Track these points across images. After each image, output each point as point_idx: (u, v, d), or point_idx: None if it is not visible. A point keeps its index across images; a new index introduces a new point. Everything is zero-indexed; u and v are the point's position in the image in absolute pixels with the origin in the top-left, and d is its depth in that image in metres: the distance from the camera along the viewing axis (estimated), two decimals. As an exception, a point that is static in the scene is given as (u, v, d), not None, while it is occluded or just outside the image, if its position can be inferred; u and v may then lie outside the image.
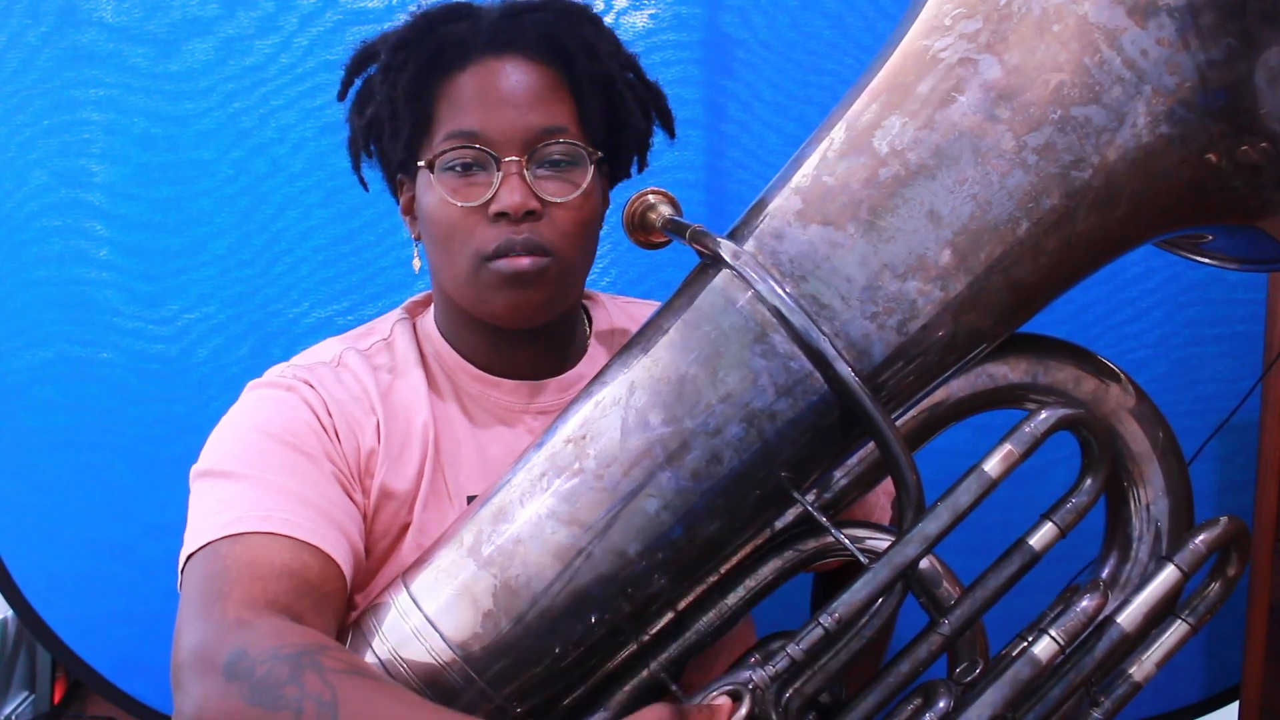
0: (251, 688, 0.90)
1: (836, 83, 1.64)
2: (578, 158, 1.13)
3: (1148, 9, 0.91)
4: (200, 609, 0.96)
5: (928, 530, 0.96)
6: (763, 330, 0.96)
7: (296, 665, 0.91)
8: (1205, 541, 1.03)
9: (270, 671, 0.90)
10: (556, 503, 1.00)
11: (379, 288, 1.67)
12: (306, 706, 0.89)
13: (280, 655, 0.91)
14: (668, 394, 0.99)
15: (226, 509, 1.04)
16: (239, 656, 0.91)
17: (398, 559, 1.14)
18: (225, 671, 0.91)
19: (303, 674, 0.90)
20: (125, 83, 1.62)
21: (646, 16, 1.64)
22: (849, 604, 0.95)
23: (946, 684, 1.04)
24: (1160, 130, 0.93)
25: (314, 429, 1.11)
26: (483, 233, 1.10)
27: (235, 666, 0.91)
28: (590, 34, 1.16)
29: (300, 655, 0.92)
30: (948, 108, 0.96)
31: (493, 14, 1.15)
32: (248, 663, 0.91)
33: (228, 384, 1.61)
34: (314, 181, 1.65)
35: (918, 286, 0.96)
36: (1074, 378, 1.08)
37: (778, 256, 0.98)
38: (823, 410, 0.97)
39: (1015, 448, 0.98)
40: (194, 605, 0.97)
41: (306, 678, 0.90)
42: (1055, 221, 0.95)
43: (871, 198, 0.97)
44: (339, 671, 0.91)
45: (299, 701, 0.89)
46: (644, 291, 1.55)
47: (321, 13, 1.63)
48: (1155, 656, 1.04)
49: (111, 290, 1.66)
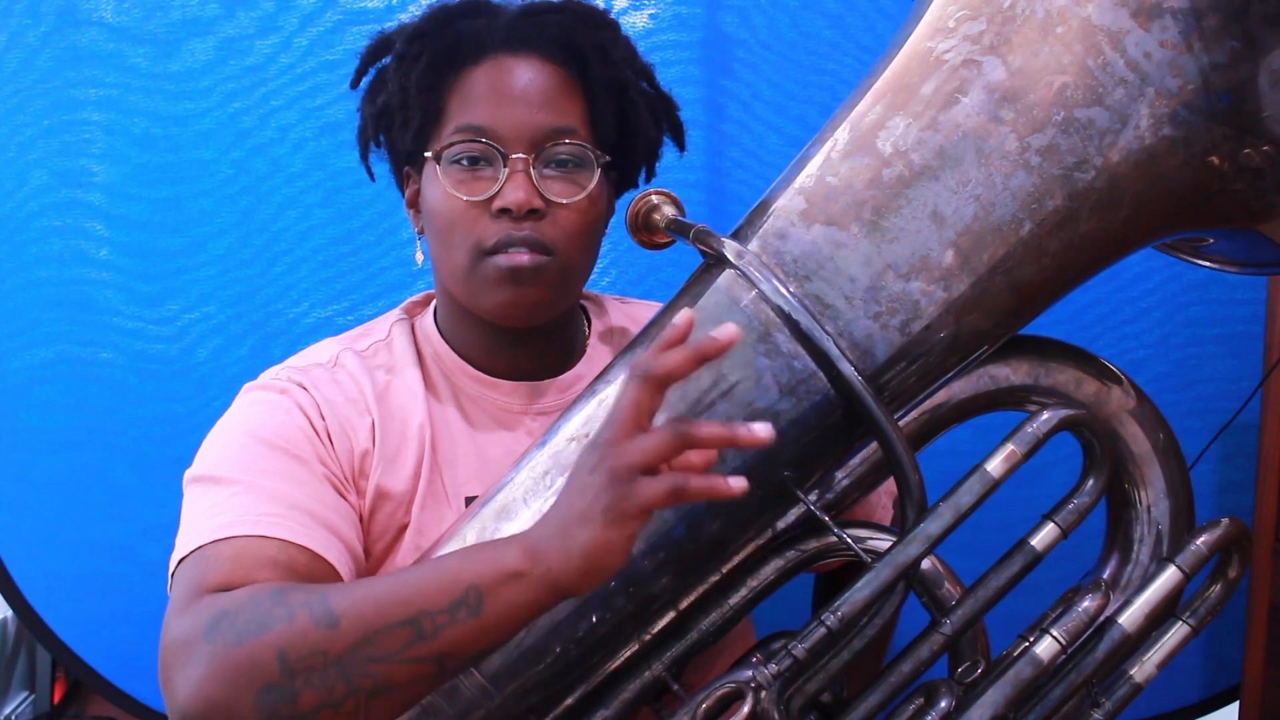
0: (236, 632, 0.90)
1: (836, 83, 1.63)
2: (585, 160, 1.13)
3: (1151, 11, 0.92)
4: (181, 605, 0.97)
5: (930, 530, 0.96)
6: (766, 330, 0.97)
7: (278, 593, 0.93)
8: (1207, 543, 1.03)
9: (251, 612, 0.91)
10: (559, 502, 1.00)
11: (379, 288, 1.67)
12: (297, 612, 0.90)
13: (258, 597, 0.93)
14: (671, 392, 0.98)
15: (217, 514, 1.04)
16: (218, 617, 0.92)
17: (396, 559, 1.14)
18: (206, 636, 0.91)
19: (285, 595, 0.92)
20: (125, 83, 1.62)
21: (646, 16, 1.64)
22: (851, 603, 0.95)
23: (948, 683, 1.04)
24: (1163, 133, 0.93)
25: (306, 432, 1.11)
26: (484, 227, 1.10)
27: (216, 625, 0.91)
28: (606, 38, 1.16)
29: (280, 589, 0.93)
30: (951, 109, 0.96)
31: (510, 12, 1.15)
32: (228, 619, 0.91)
33: (228, 384, 1.60)
34: (314, 181, 1.65)
35: (921, 287, 0.96)
36: (1075, 380, 1.08)
37: (781, 256, 0.98)
38: (826, 410, 0.97)
39: (1017, 448, 0.98)
40: (177, 604, 0.98)
41: (290, 596, 0.92)
42: (1058, 223, 0.96)
43: (875, 198, 0.97)
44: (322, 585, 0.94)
45: (288, 613, 0.90)
46: (644, 291, 1.55)
47: (321, 13, 1.63)
48: (1156, 657, 1.04)
49: (111, 290, 1.65)
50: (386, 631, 0.89)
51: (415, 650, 0.89)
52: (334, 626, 0.89)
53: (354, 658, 0.89)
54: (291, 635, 0.89)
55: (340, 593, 0.92)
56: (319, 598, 0.91)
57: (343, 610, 0.90)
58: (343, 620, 0.89)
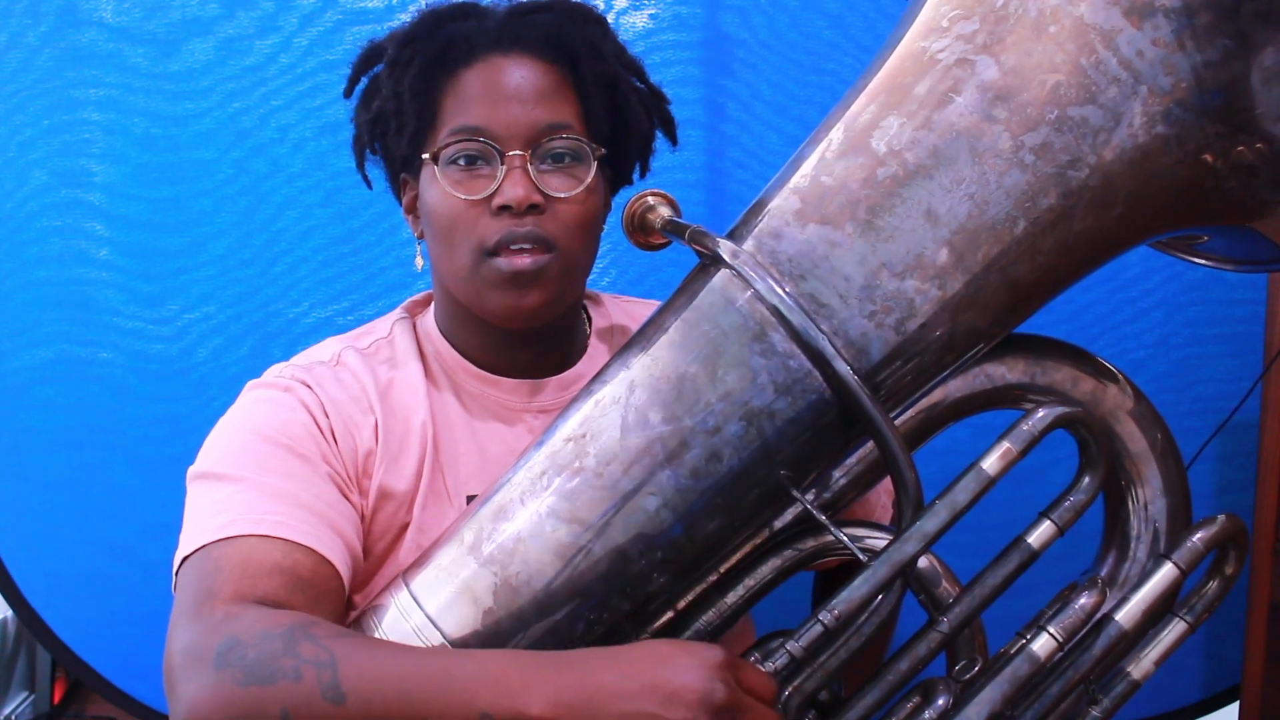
0: (245, 670, 0.90)
1: (836, 83, 1.64)
2: (581, 154, 1.13)
3: (1144, 10, 0.92)
4: (190, 610, 0.97)
5: (926, 528, 0.96)
6: (762, 329, 0.97)
7: (289, 639, 0.91)
8: (1203, 539, 1.03)
9: (262, 651, 0.91)
10: (557, 501, 1.00)
11: (379, 288, 1.67)
12: (305, 671, 0.90)
13: (271, 634, 0.92)
14: (667, 392, 0.99)
15: (220, 512, 1.04)
16: (229, 645, 0.91)
17: (397, 558, 1.14)
18: (215, 662, 0.91)
19: (297, 645, 0.91)
20: (125, 83, 1.63)
21: (646, 16, 1.64)
22: (848, 601, 0.95)
23: (945, 681, 1.04)
24: (1156, 130, 0.93)
25: (309, 430, 1.11)
26: (485, 225, 1.11)
27: (226, 655, 0.91)
28: (595, 34, 1.16)
29: (291, 631, 0.92)
30: (945, 108, 0.96)
31: (499, 13, 1.16)
32: (239, 650, 0.91)
33: (228, 384, 1.60)
34: (314, 181, 1.65)
35: (915, 285, 0.96)
36: (1072, 378, 1.08)
37: (776, 256, 0.98)
38: (822, 409, 0.97)
39: (1014, 445, 0.98)
40: (184, 608, 0.98)
41: (301, 647, 0.91)
42: (1052, 221, 0.96)
43: (869, 197, 0.97)
44: (332, 636, 0.92)
45: (296, 669, 0.90)
46: (644, 291, 1.55)
47: (321, 13, 1.63)
48: (1154, 654, 1.04)
49: (111, 290, 1.66)
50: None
51: None
52: (339, 703, 0.89)
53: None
54: (297, 697, 0.89)
55: (351, 662, 0.91)
56: (329, 659, 0.90)
57: (349, 688, 0.89)
58: (348, 699, 0.89)
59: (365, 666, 0.91)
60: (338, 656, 0.91)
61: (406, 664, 0.92)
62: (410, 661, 0.93)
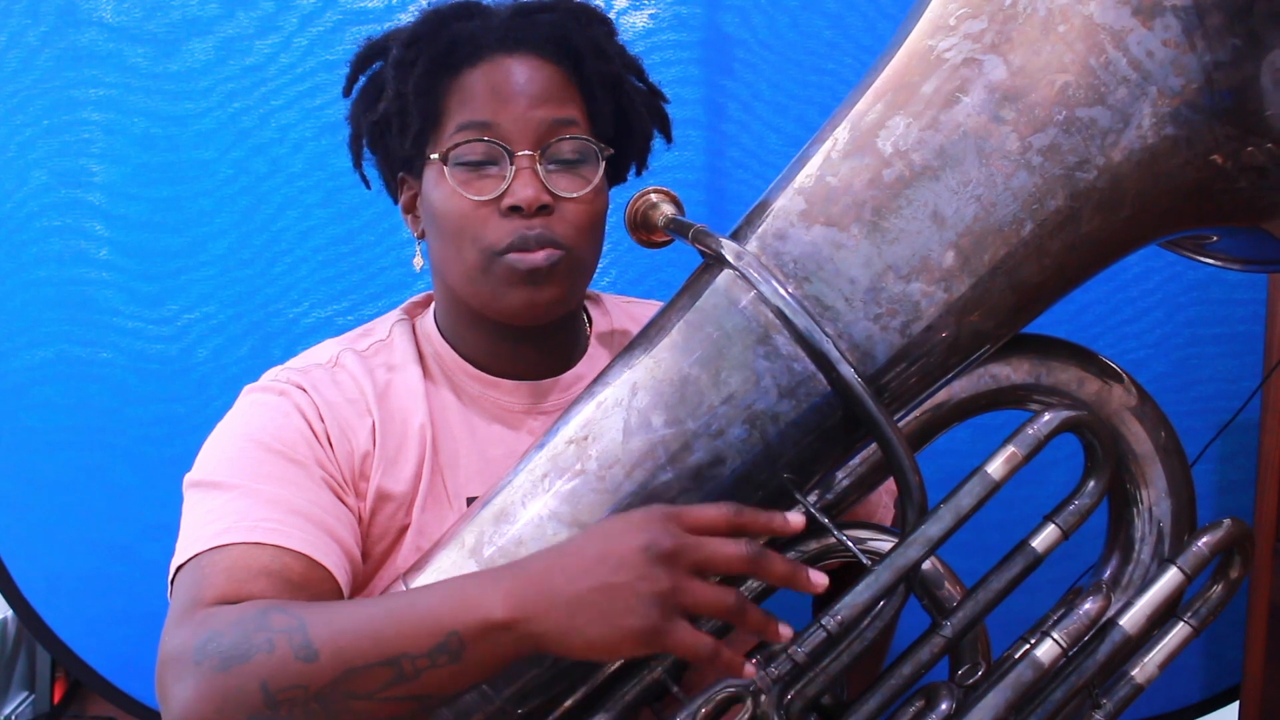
0: (221, 656, 0.91)
1: (836, 83, 1.64)
2: (588, 154, 1.13)
3: (1154, 10, 0.91)
4: (176, 618, 0.98)
5: (930, 532, 0.96)
6: (765, 331, 0.96)
7: (260, 616, 0.93)
8: (1208, 544, 1.03)
9: (236, 634, 0.92)
10: (558, 504, 0.99)
11: (379, 288, 1.67)
12: (277, 640, 0.91)
13: (245, 618, 0.93)
14: (670, 395, 0.98)
15: (215, 520, 1.04)
16: (206, 639, 0.92)
17: (396, 561, 1.14)
18: (195, 657, 0.92)
19: (269, 618, 0.92)
20: (125, 83, 1.62)
21: (646, 16, 1.64)
22: (851, 605, 0.95)
23: (948, 686, 1.04)
24: (1166, 132, 0.93)
25: (305, 435, 1.11)
26: (495, 227, 1.10)
27: (204, 648, 0.92)
28: (599, 34, 1.17)
29: (264, 610, 0.94)
30: (952, 108, 0.96)
31: (503, 12, 1.15)
32: (215, 640, 0.92)
33: (228, 384, 1.61)
34: (314, 181, 1.65)
35: (921, 288, 0.96)
36: (1077, 379, 1.08)
37: (780, 257, 0.98)
38: (825, 412, 0.97)
39: (1019, 449, 0.97)
40: (173, 616, 0.99)
41: (272, 619, 0.92)
42: (1060, 223, 0.95)
43: (875, 198, 0.96)
44: (303, 605, 0.94)
45: (269, 640, 0.91)
46: (644, 291, 1.55)
47: (321, 13, 1.63)
48: (1157, 658, 1.04)
49: (111, 290, 1.66)
50: (365, 670, 0.90)
51: (395, 690, 0.90)
52: (312, 660, 0.90)
53: (333, 693, 0.90)
54: (272, 666, 0.90)
55: (320, 621, 0.92)
56: (298, 623, 0.91)
57: (321, 643, 0.90)
58: (321, 654, 0.90)
59: (334, 620, 0.92)
60: (306, 620, 0.92)
61: (372, 608, 0.94)
62: (375, 605, 0.95)
